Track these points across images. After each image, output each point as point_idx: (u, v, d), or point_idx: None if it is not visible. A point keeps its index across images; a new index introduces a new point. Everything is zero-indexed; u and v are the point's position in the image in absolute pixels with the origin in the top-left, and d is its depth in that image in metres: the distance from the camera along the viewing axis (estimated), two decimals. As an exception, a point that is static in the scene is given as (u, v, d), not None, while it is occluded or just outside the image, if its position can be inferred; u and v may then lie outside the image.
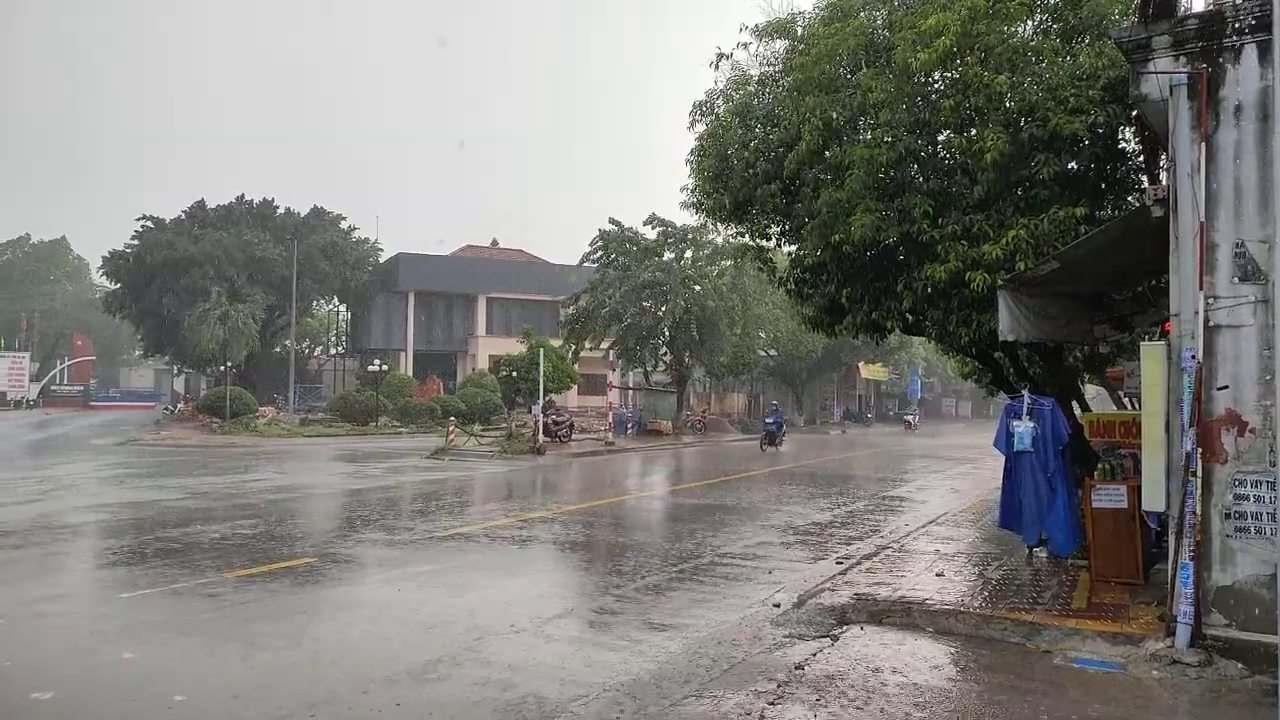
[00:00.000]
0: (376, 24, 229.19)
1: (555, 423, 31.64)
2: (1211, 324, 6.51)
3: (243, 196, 53.08)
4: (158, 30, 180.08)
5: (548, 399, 31.91)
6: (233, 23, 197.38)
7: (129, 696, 5.96)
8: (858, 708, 5.72)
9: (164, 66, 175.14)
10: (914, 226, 9.44)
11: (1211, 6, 6.92)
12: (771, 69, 11.61)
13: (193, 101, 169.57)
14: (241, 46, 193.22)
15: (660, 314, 37.99)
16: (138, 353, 73.12)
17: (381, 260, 56.28)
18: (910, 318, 10.89)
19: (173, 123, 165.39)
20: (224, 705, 5.74)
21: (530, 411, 30.79)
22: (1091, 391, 17.13)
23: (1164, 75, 6.72)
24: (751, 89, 11.65)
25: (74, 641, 7.12)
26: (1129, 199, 9.46)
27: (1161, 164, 8.15)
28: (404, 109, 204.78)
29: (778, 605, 8.48)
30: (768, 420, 32.80)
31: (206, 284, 45.99)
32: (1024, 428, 9.75)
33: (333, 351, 66.03)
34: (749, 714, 5.59)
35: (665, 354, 41.07)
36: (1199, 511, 6.47)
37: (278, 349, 56.21)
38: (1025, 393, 9.96)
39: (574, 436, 32.98)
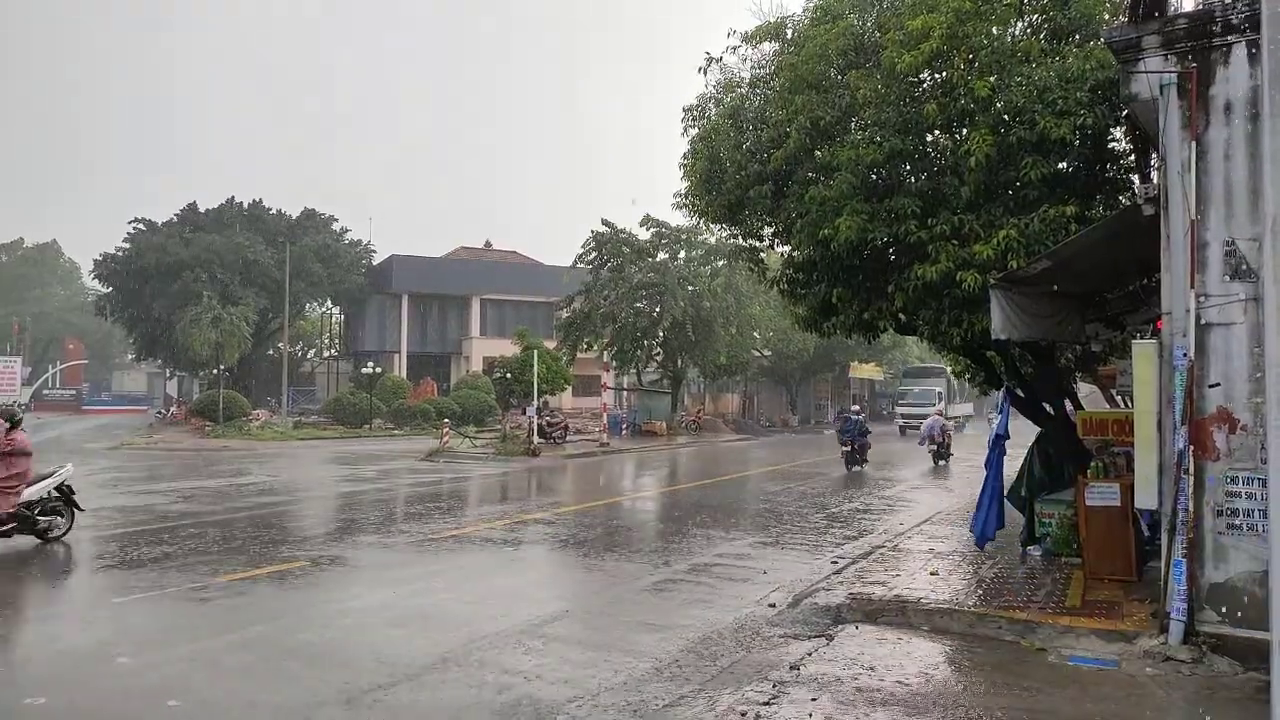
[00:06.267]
0: (372, 26, 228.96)
1: (550, 424, 31.62)
2: (1203, 322, 6.53)
3: (233, 199, 52.91)
4: (150, 31, 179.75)
5: (542, 400, 31.88)
6: (225, 24, 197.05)
7: (123, 701, 5.95)
8: (853, 707, 5.73)
9: (157, 68, 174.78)
10: (903, 227, 9.47)
11: (1201, 6, 6.95)
12: (762, 71, 11.65)
13: (185, 104, 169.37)
14: (233, 48, 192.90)
15: (656, 315, 37.99)
16: (130, 356, 72.60)
17: (375, 262, 56.17)
18: (902, 317, 10.92)
19: (166, 125, 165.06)
20: (218, 709, 5.72)
21: (525, 413, 30.76)
22: (1084, 390, 17.17)
23: (1154, 74, 6.74)
24: (743, 91, 11.69)
25: (67, 646, 7.10)
26: (1120, 198, 9.49)
27: (1152, 163, 8.19)
28: (400, 111, 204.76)
29: (773, 605, 8.49)
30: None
31: (199, 287, 45.73)
32: (997, 421, 10.17)
33: (326, 354, 65.80)
34: (744, 714, 5.58)
35: (658, 354, 41.05)
36: (1191, 509, 6.50)
37: (271, 352, 56.01)
38: (1003, 390, 10.25)
39: (568, 438, 32.94)
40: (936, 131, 9.91)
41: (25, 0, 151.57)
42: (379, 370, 44.42)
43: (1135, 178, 9.30)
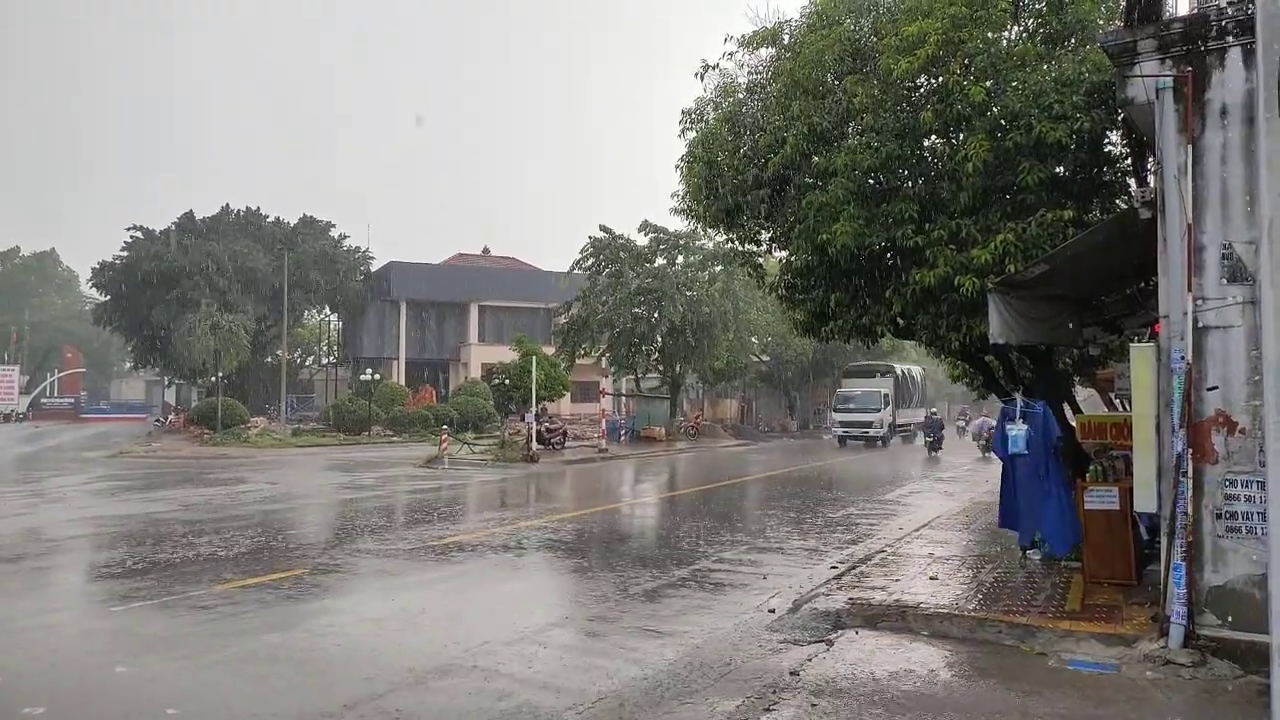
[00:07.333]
0: (372, 26, 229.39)
1: (548, 430, 31.59)
2: (1200, 325, 6.54)
3: (228, 206, 53.02)
4: (150, 31, 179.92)
5: (541, 406, 31.87)
6: (225, 24, 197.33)
7: (122, 710, 5.93)
8: (854, 712, 5.72)
9: (157, 68, 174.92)
10: (900, 232, 9.48)
11: (1196, 9, 6.96)
12: (759, 76, 11.67)
13: (185, 104, 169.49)
14: (231, 57, 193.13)
15: (654, 320, 38.00)
16: (128, 364, 72.73)
17: (373, 269, 56.20)
18: (901, 322, 10.91)
19: (166, 126, 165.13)
20: (217, 718, 5.71)
21: (523, 419, 30.74)
22: (1083, 394, 17.19)
23: (1150, 78, 6.75)
24: (740, 96, 11.70)
25: (66, 655, 7.08)
26: (1117, 202, 9.50)
27: (1149, 166, 8.19)
28: (400, 111, 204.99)
29: (773, 611, 8.49)
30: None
31: (197, 294, 45.78)
32: (1018, 431, 9.79)
33: (325, 361, 65.84)
34: (745, 720, 5.58)
35: (657, 359, 41.03)
36: (1190, 512, 6.50)
37: (269, 359, 56.01)
38: (1018, 396, 10.00)
39: (567, 444, 32.92)
40: (933, 137, 9.93)
41: (25, 0, 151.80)
42: (377, 377, 44.42)
43: (1132, 181, 9.31)
